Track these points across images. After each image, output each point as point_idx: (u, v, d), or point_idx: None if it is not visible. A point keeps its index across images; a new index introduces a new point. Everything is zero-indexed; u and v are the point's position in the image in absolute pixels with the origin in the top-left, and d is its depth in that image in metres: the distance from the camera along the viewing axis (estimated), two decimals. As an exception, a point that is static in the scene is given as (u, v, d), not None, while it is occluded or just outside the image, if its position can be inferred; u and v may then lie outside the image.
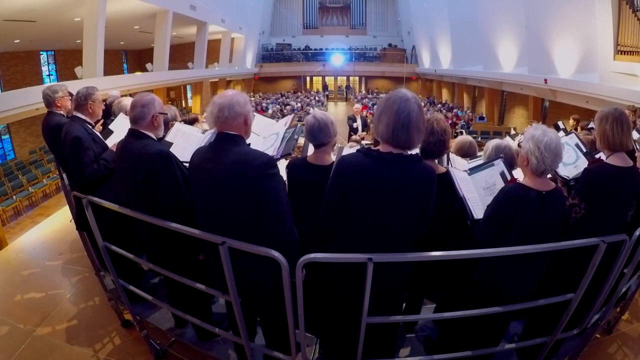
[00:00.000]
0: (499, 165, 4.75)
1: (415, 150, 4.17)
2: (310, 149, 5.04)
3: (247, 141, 3.93)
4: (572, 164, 5.37)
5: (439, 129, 4.66)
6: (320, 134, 4.78)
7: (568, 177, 5.22)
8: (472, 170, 4.76)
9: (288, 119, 5.60)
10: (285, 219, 3.81)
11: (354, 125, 17.70)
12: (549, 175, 5.34)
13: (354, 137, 16.10)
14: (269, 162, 3.68)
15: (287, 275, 3.54)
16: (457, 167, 5.38)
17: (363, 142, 12.53)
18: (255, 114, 4.56)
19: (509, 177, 4.64)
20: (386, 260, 3.57)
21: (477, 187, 4.62)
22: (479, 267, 4.27)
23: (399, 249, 3.74)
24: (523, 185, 3.98)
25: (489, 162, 4.83)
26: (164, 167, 4.28)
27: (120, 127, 5.86)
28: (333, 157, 4.89)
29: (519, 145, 4.16)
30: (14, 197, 21.68)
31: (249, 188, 3.63)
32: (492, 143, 5.42)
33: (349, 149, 5.05)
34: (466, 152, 6.44)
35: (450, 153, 5.71)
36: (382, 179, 3.56)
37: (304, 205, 4.59)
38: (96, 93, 5.79)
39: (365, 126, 18.01)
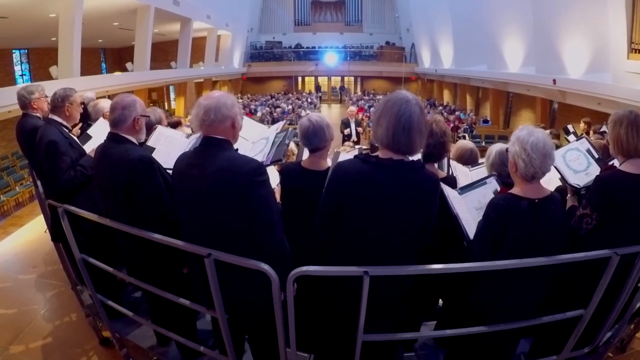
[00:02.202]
0: (492, 183, 4.75)
1: (417, 156, 4.19)
2: (306, 154, 5.06)
3: (235, 146, 3.92)
4: (583, 171, 5.23)
5: (438, 130, 4.67)
6: (315, 138, 4.79)
7: (579, 185, 5.06)
8: (463, 190, 4.73)
9: (279, 125, 5.57)
10: (275, 229, 3.80)
11: (346, 131, 17.70)
12: (558, 184, 5.38)
13: (347, 142, 16.06)
14: (258, 169, 3.68)
15: (277, 290, 3.54)
16: (459, 174, 5.41)
17: (357, 147, 12.44)
18: (243, 116, 4.56)
19: None
20: (383, 274, 3.55)
21: (469, 208, 4.58)
22: (473, 287, 4.25)
23: (399, 261, 3.71)
24: (513, 195, 3.93)
25: (480, 181, 4.81)
26: (146, 174, 4.27)
27: (100, 132, 5.83)
28: (329, 163, 4.90)
29: (506, 150, 4.12)
30: (-16, 206, 21.42)
31: (236, 196, 3.62)
32: (495, 148, 5.27)
33: (346, 155, 5.06)
34: (466, 161, 6.31)
35: (450, 159, 5.66)
36: (382, 187, 3.54)
37: (298, 213, 4.61)
38: (74, 95, 5.80)
39: (358, 133, 17.96)
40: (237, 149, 3.91)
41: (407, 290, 4.03)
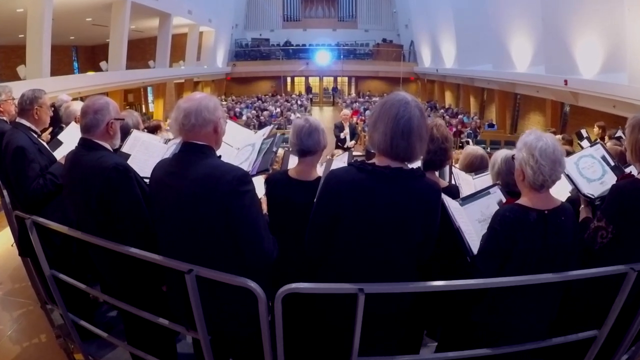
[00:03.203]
0: (496, 193, 4.72)
1: (417, 163, 4.18)
2: (292, 162, 5.04)
3: (218, 153, 3.91)
4: (598, 180, 5.13)
5: (440, 136, 4.64)
6: (309, 139, 4.75)
7: (593, 195, 4.96)
8: (465, 201, 4.70)
9: (266, 130, 5.55)
10: (262, 242, 3.79)
11: (342, 135, 17.58)
12: (569, 194, 5.37)
13: (337, 150, 15.51)
14: (243, 178, 3.67)
15: (264, 309, 3.53)
16: (461, 182, 5.41)
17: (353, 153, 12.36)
18: (227, 120, 4.55)
19: None
20: (379, 291, 3.53)
21: (471, 220, 4.54)
22: (477, 306, 4.18)
23: (397, 278, 3.68)
24: (520, 206, 3.87)
25: (483, 191, 4.78)
26: (121, 183, 4.26)
27: (71, 137, 5.81)
28: (319, 172, 4.89)
29: (512, 158, 4.08)
30: (-56, 218, 21.20)
31: (219, 207, 3.61)
32: (500, 154, 5.21)
33: (339, 162, 5.05)
34: (476, 169, 6.23)
35: (453, 166, 5.64)
36: (378, 197, 3.52)
37: (286, 227, 4.57)
38: (44, 97, 5.79)
39: (354, 135, 17.95)
40: (220, 156, 3.90)
41: (405, 309, 4.00)
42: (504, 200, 4.57)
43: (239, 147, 5.42)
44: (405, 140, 3.46)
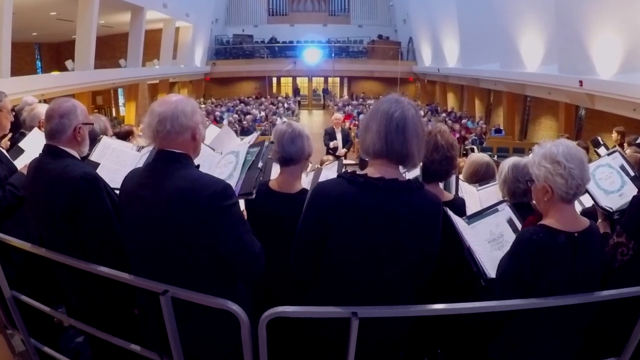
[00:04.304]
0: (505, 210, 4.66)
1: (415, 172, 4.19)
2: (275, 172, 5.04)
3: (197, 161, 3.91)
4: (617, 191, 5.05)
5: (444, 143, 4.59)
6: (292, 146, 4.75)
7: (611, 208, 4.90)
8: (471, 219, 4.65)
9: (252, 137, 5.37)
10: (253, 260, 3.80)
11: (332, 144, 17.41)
12: (587, 205, 5.36)
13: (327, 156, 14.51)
14: (224, 192, 3.63)
15: (247, 333, 3.51)
16: (465, 195, 5.35)
17: (345, 161, 12.23)
18: (208, 125, 4.54)
19: (519, 225, 4.50)
20: (374, 315, 3.52)
21: (480, 240, 4.48)
22: (493, 341, 4.11)
23: (394, 300, 3.67)
24: (547, 228, 3.74)
25: (491, 208, 4.72)
26: (90, 195, 4.25)
27: (34, 144, 5.75)
28: (304, 183, 4.89)
29: (527, 182, 4.03)
30: None
31: (198, 225, 3.58)
32: (508, 162, 5.13)
33: (329, 171, 5.05)
34: (481, 179, 6.19)
35: (459, 177, 5.61)
36: (371, 213, 3.51)
37: (266, 244, 4.33)
38: (4, 100, 5.77)
39: (346, 142, 17.86)
40: (198, 166, 3.88)
41: (403, 335, 4.00)
42: (514, 217, 4.55)
43: (222, 151, 5.30)
44: (400, 135, 3.49)
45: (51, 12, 34.53)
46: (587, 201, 5.35)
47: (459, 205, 4.77)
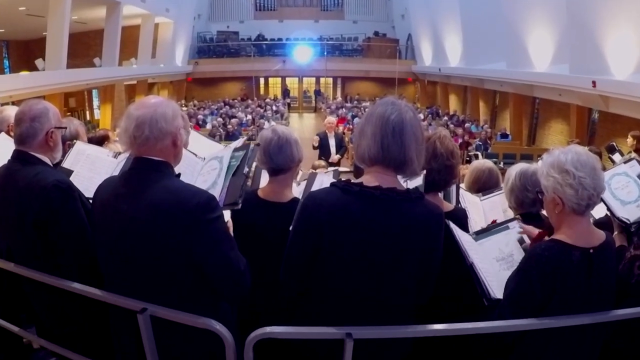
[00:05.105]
0: (516, 228, 4.53)
1: (417, 182, 4.19)
2: (264, 179, 5.02)
3: (177, 169, 3.87)
4: (634, 202, 4.95)
5: (444, 151, 4.46)
6: (279, 155, 4.72)
7: (628, 220, 4.79)
8: (479, 235, 4.55)
9: (238, 142, 5.28)
10: (239, 279, 3.75)
11: (315, 144, 17.43)
12: (597, 215, 5.35)
13: (319, 161, 14.61)
14: (207, 204, 3.58)
15: (232, 355, 3.49)
16: (468, 206, 5.34)
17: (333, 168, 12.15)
18: (190, 131, 4.52)
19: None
20: (372, 336, 3.50)
21: (487, 258, 4.36)
22: None
23: (392, 320, 3.63)
24: (560, 243, 3.62)
25: (502, 225, 4.63)
26: (63, 204, 4.22)
27: (2, 150, 5.52)
28: (295, 192, 4.88)
29: (537, 193, 3.97)
30: None
31: (179, 240, 3.54)
32: (515, 169, 5.07)
33: (325, 177, 5.04)
34: (483, 186, 6.15)
35: (460, 186, 5.59)
36: (368, 224, 3.48)
37: (254, 258, 4.27)
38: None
39: (340, 147, 17.79)
40: (179, 174, 3.83)
41: (403, 358, 3.94)
42: (525, 238, 4.42)
43: (204, 156, 5.16)
44: (397, 138, 3.46)
45: (20, 7, 34.40)
46: (597, 212, 5.22)
47: (460, 217, 4.70)
